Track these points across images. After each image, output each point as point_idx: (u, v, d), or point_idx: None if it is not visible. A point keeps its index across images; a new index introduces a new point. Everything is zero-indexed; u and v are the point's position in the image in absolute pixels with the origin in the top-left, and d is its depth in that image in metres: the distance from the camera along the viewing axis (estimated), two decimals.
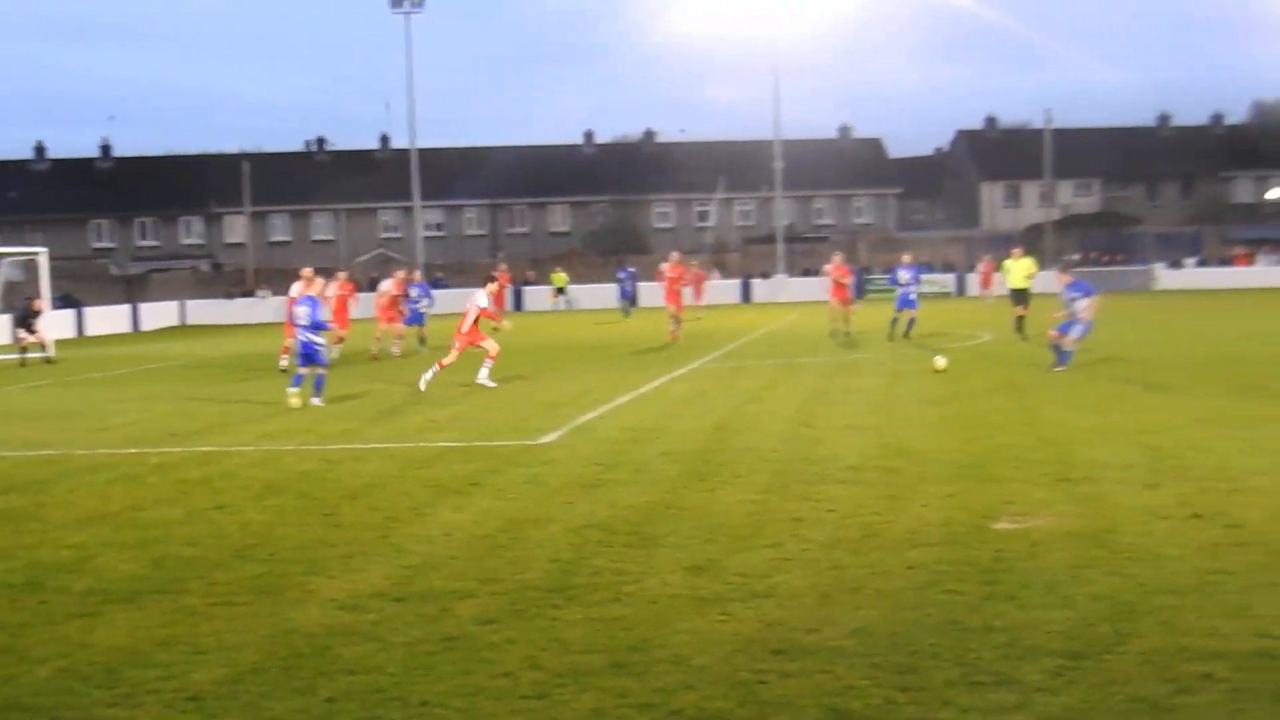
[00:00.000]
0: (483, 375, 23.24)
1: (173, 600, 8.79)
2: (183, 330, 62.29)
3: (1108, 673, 6.71)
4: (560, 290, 69.81)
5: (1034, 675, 6.70)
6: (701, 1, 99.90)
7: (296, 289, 28.36)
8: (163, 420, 20.21)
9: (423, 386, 22.12)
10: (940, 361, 23.00)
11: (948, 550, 9.37)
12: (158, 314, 65.93)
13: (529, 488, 12.63)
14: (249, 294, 74.61)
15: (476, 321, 23.36)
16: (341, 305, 32.71)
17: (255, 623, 8.15)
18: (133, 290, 74.24)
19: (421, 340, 34.28)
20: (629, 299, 56.62)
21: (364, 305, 38.13)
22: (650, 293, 55.96)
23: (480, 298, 23.65)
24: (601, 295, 69.03)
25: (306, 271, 27.02)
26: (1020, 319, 31.80)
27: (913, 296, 33.02)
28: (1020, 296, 32.61)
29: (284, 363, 27.84)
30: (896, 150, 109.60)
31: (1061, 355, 23.12)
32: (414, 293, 35.05)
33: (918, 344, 30.38)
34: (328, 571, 9.43)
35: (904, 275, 33.31)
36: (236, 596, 8.82)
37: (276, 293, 73.98)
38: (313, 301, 21.91)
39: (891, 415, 17.38)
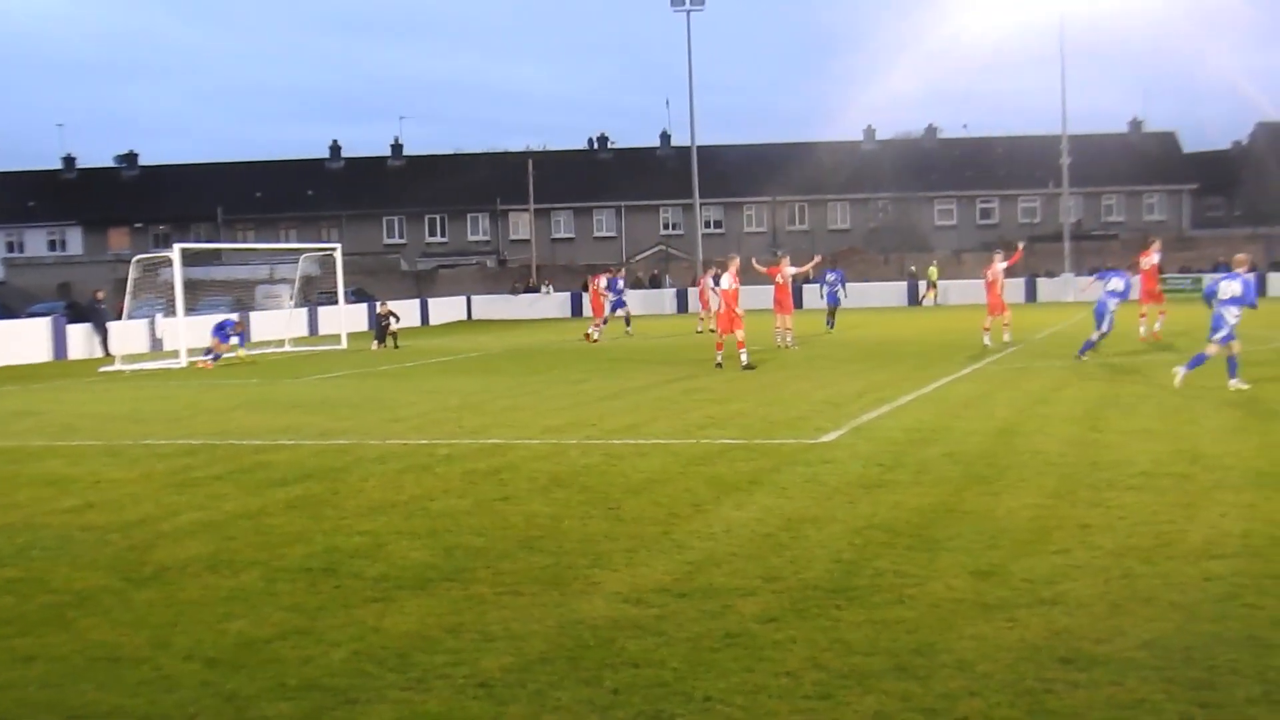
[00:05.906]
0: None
1: (461, 588, 9.01)
2: (469, 324, 63.96)
3: None
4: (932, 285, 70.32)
5: None
6: None
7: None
8: (451, 412, 20.79)
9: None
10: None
11: (1248, 562, 8.96)
12: (445, 308, 67.96)
13: (810, 486, 12.57)
14: (532, 289, 76.17)
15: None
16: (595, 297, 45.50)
17: (542, 613, 8.29)
18: (421, 285, 76.69)
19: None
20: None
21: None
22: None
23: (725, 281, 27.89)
24: (879, 293, 68.46)
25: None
26: None
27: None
28: None
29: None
30: (1191, 144, 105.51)
31: None
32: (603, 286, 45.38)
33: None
34: (611, 565, 9.55)
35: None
36: (523, 586, 8.99)
37: (558, 289, 75.61)
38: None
39: (1185, 419, 16.74)
